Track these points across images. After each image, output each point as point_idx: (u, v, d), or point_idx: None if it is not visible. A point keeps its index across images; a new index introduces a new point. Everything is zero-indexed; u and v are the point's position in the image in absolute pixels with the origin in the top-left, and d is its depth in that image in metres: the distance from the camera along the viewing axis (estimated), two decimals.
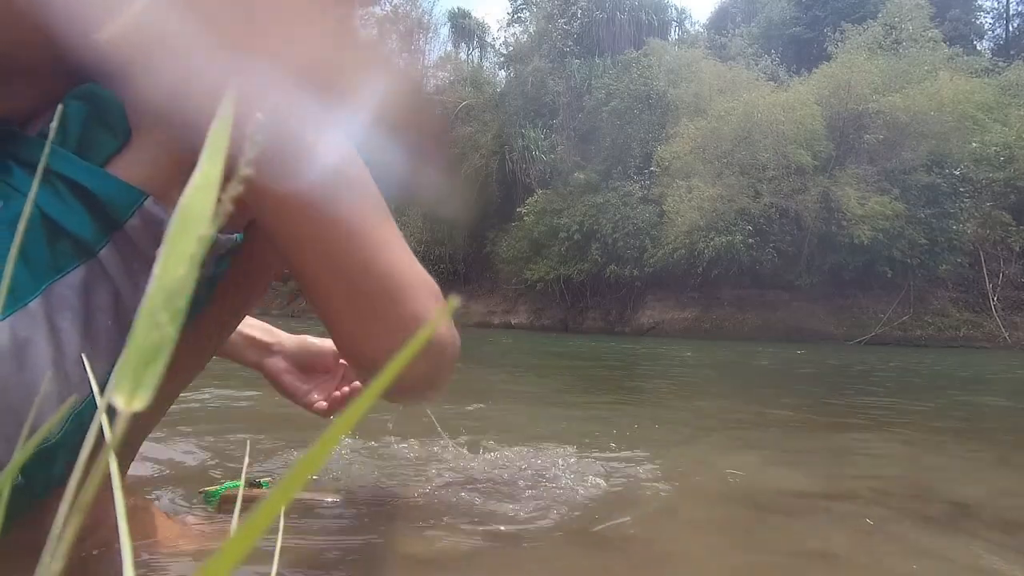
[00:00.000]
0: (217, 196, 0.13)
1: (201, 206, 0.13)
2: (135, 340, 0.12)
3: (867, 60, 14.85)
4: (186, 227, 0.13)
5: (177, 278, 0.12)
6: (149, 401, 0.12)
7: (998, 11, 23.45)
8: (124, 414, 0.12)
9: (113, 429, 0.11)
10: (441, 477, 1.23)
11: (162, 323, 0.12)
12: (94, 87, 0.59)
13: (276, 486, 0.11)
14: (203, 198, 0.13)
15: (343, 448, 1.39)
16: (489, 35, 27.71)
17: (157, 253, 0.12)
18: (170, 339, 0.12)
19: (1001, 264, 14.30)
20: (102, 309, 0.57)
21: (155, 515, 0.84)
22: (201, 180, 0.13)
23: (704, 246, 14.68)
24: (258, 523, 0.11)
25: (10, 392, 0.51)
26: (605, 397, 2.98)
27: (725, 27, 22.09)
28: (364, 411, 0.11)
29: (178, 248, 0.13)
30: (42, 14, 0.48)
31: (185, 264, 0.12)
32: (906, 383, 4.34)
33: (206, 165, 0.14)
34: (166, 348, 0.12)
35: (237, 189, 0.12)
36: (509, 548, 0.88)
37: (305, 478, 0.11)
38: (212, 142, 0.14)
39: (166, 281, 0.12)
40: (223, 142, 0.14)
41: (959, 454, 1.76)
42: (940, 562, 0.90)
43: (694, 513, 1.10)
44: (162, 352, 0.12)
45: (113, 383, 0.12)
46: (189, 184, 0.13)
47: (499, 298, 20.00)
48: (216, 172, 0.13)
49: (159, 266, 0.12)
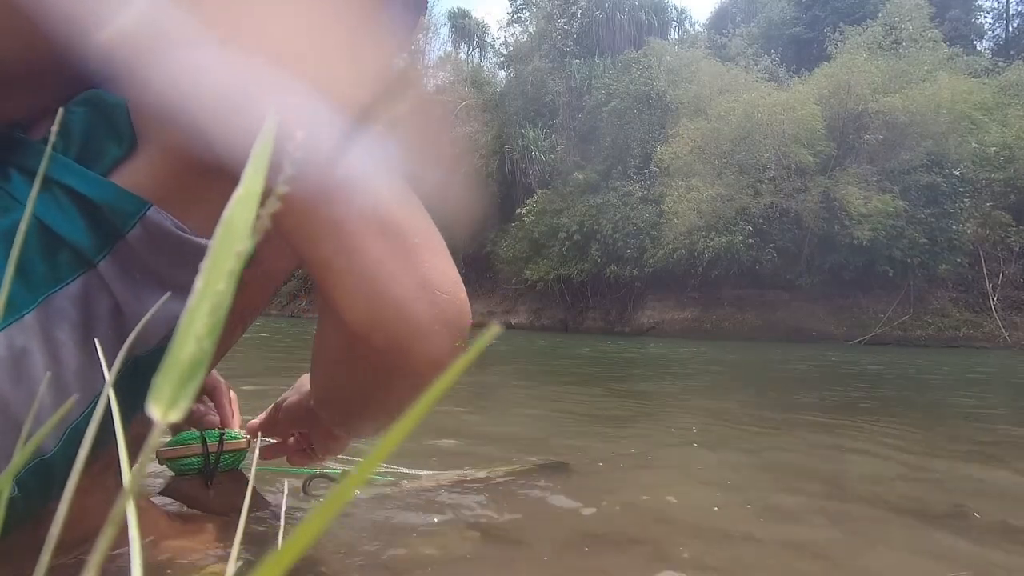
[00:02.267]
0: (256, 212, 0.13)
1: (242, 221, 0.13)
2: (175, 353, 0.12)
3: (867, 60, 14.85)
4: (228, 242, 0.13)
5: (217, 293, 0.12)
6: (185, 414, 0.12)
7: (998, 11, 23.46)
8: (160, 425, 0.12)
9: (147, 438, 0.12)
10: (440, 476, 1.23)
11: (201, 337, 0.12)
12: (98, 93, 0.58)
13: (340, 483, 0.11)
14: (244, 213, 0.13)
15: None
16: (489, 35, 27.74)
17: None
18: (208, 354, 0.12)
19: (1001, 264, 14.31)
20: (101, 320, 0.56)
21: (156, 516, 0.84)
22: (243, 194, 0.13)
23: (704, 246, 14.68)
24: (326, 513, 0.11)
25: (7, 405, 0.50)
26: (604, 397, 2.98)
27: (725, 27, 22.09)
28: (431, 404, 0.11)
29: (219, 263, 0.13)
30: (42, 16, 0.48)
31: (225, 279, 0.13)
32: (906, 383, 4.34)
33: (249, 180, 0.14)
34: (205, 362, 0.12)
35: (275, 205, 0.13)
36: (509, 548, 0.88)
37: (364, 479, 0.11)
38: (255, 157, 0.14)
39: (207, 296, 0.12)
40: (266, 157, 0.14)
41: (959, 454, 1.76)
42: (940, 562, 0.90)
43: (692, 513, 1.09)
44: (201, 366, 0.12)
45: (151, 394, 0.12)
46: (232, 198, 0.13)
47: (499, 298, 20.00)
48: (258, 187, 0.14)
49: (201, 280, 0.13)
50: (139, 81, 0.53)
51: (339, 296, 0.54)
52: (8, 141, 0.57)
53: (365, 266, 0.53)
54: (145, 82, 0.53)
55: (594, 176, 18.34)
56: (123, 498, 0.12)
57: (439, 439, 1.59)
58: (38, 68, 0.56)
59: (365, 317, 0.54)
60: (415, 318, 0.54)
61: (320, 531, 0.11)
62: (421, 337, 0.54)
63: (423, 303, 0.54)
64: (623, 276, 16.74)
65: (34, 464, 0.54)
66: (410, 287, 0.54)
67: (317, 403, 0.72)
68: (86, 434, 0.17)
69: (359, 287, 0.53)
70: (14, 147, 0.57)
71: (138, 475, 0.12)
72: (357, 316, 0.54)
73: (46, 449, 0.55)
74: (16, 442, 0.50)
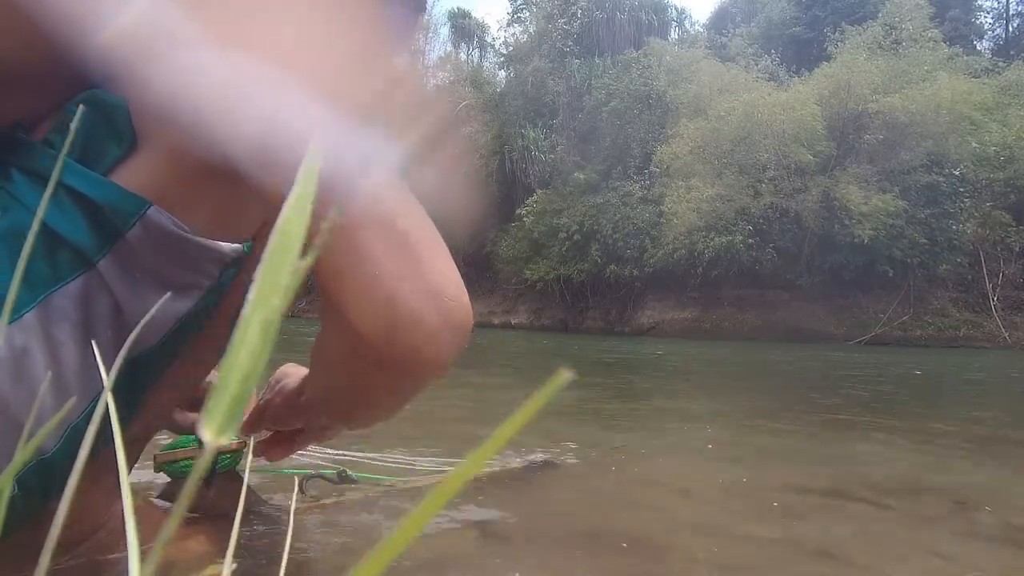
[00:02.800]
0: (308, 227, 0.13)
1: (295, 233, 0.13)
2: (227, 372, 0.12)
3: (867, 60, 14.85)
4: (281, 255, 0.13)
5: (271, 308, 0.12)
6: (237, 433, 0.13)
7: (998, 11, 23.46)
8: (211, 447, 0.12)
9: (195, 462, 0.11)
10: (439, 476, 1.23)
11: (256, 353, 0.12)
12: (99, 93, 0.58)
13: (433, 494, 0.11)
14: (297, 225, 0.13)
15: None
16: (489, 35, 27.74)
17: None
18: (260, 370, 0.12)
19: (1001, 264, 14.31)
20: (102, 320, 0.56)
21: (155, 517, 0.84)
22: (294, 206, 0.13)
23: (704, 246, 14.69)
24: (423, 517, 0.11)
25: (7, 405, 0.50)
26: (603, 395, 2.98)
27: (725, 27, 22.10)
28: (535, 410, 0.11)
29: (273, 276, 0.12)
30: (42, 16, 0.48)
31: (280, 292, 0.12)
32: (905, 383, 4.34)
33: (299, 191, 0.13)
34: (257, 378, 0.12)
35: (336, 222, 0.14)
36: (509, 548, 0.88)
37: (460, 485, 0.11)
38: (305, 171, 0.14)
39: (261, 309, 0.12)
40: (315, 172, 0.14)
41: (958, 453, 1.76)
42: (940, 562, 0.90)
43: (693, 512, 1.09)
44: (253, 382, 0.12)
45: (203, 414, 0.12)
46: (283, 211, 0.13)
47: (499, 298, 20.00)
48: (309, 200, 0.13)
49: (254, 294, 0.12)
50: (139, 81, 0.53)
51: (351, 303, 0.56)
52: (9, 141, 0.57)
53: (377, 275, 0.54)
54: (145, 82, 0.53)
55: (594, 176, 18.34)
56: (124, 498, 0.12)
57: (438, 439, 1.59)
58: (38, 68, 0.56)
59: (377, 324, 0.55)
60: (425, 324, 0.55)
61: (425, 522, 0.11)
62: (431, 341, 0.56)
63: (432, 309, 0.56)
64: (623, 276, 16.74)
65: (34, 464, 0.54)
66: (420, 295, 0.55)
67: (316, 402, 0.72)
68: (86, 434, 0.16)
69: (371, 295, 0.55)
70: (15, 147, 0.57)
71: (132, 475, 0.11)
72: (369, 323, 0.55)
73: (46, 449, 0.55)
74: (16, 442, 0.49)
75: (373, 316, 0.55)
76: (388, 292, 0.54)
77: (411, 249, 0.56)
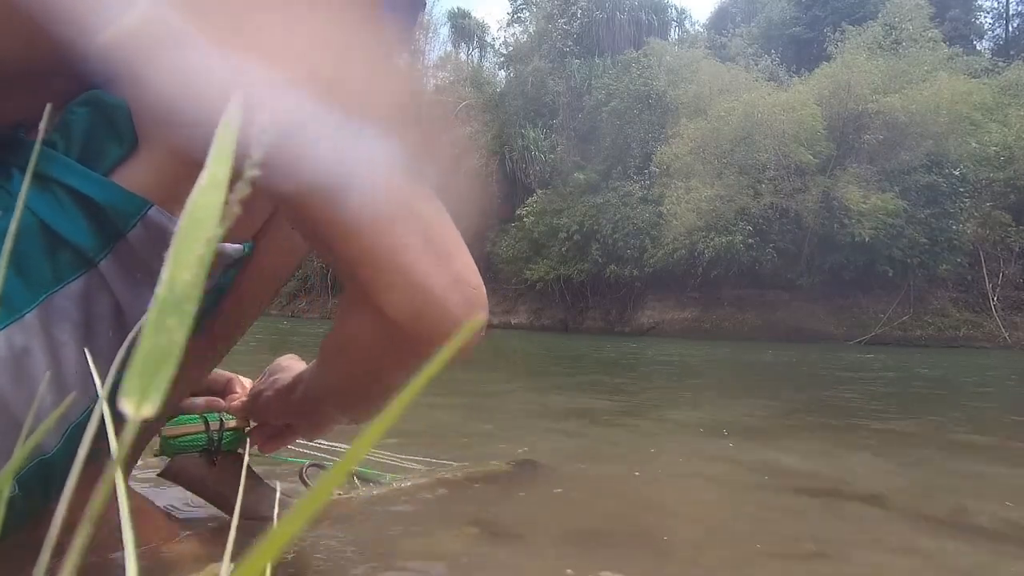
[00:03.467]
0: (225, 198, 0.13)
1: (209, 208, 0.13)
2: (143, 346, 0.12)
3: (867, 60, 14.85)
4: (194, 230, 0.12)
5: (185, 282, 0.12)
6: (158, 408, 0.11)
7: (998, 11, 23.46)
8: (133, 421, 0.11)
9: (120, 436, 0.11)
10: (438, 475, 1.23)
11: (171, 328, 0.12)
12: (99, 93, 0.59)
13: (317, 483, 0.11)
14: (211, 199, 0.13)
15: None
16: (489, 35, 27.75)
17: (164, 256, 0.12)
18: (179, 345, 0.12)
19: (1001, 264, 14.32)
20: (102, 320, 0.57)
21: (155, 516, 0.84)
22: (209, 181, 0.13)
23: (704, 246, 14.69)
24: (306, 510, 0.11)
25: (8, 404, 0.51)
26: (603, 396, 2.98)
27: (725, 27, 22.10)
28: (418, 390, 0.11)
29: (186, 251, 0.12)
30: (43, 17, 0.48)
31: (193, 268, 0.12)
32: (905, 383, 4.34)
33: (213, 166, 0.13)
34: (174, 354, 0.12)
35: (245, 191, 0.12)
36: (509, 548, 0.88)
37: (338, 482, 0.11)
38: (219, 142, 0.13)
39: (174, 286, 0.12)
40: (230, 142, 0.14)
41: (958, 453, 1.76)
42: (940, 562, 0.90)
43: (693, 512, 1.09)
44: (170, 358, 0.12)
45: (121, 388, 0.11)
46: (196, 185, 0.13)
47: (499, 298, 20.00)
48: (224, 173, 0.13)
49: (167, 270, 0.12)
50: (140, 81, 0.53)
51: (382, 292, 0.58)
52: (9, 141, 0.58)
53: (406, 264, 0.57)
54: (146, 83, 0.53)
55: (594, 176, 18.34)
56: (121, 499, 0.12)
57: (432, 438, 1.59)
58: (39, 69, 0.57)
59: (409, 311, 0.58)
60: (453, 310, 0.59)
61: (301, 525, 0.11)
62: (458, 324, 0.59)
63: (458, 296, 0.59)
64: (623, 276, 16.75)
65: (35, 464, 0.54)
66: (447, 283, 0.59)
67: (326, 392, 0.72)
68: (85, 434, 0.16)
69: (405, 283, 0.58)
70: (15, 147, 0.58)
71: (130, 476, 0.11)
72: (401, 310, 0.58)
73: (47, 448, 0.55)
74: (17, 441, 0.50)
75: (406, 303, 0.58)
76: (420, 280, 0.58)
77: (438, 241, 0.59)
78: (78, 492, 0.14)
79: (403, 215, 0.58)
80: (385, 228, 0.57)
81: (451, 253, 0.59)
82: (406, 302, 0.58)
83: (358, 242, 0.58)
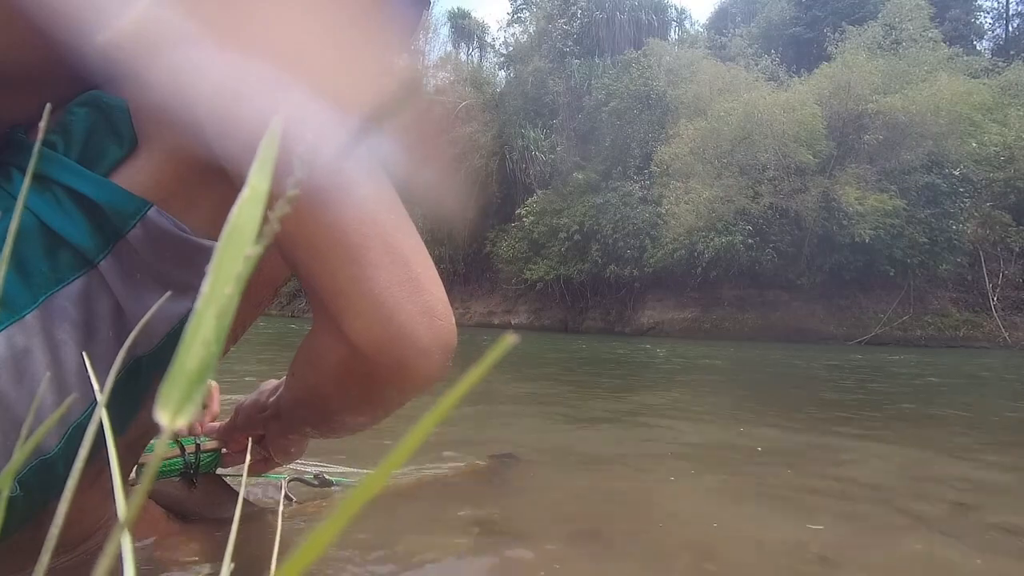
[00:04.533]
0: (264, 214, 0.13)
1: (249, 223, 0.13)
2: (181, 359, 0.12)
3: (867, 60, 14.85)
4: (234, 245, 0.13)
5: (225, 297, 0.12)
6: (194, 418, 0.13)
7: (998, 11, 23.46)
8: (167, 431, 0.12)
9: (156, 445, 0.12)
10: (438, 475, 1.23)
11: (210, 341, 0.12)
12: (99, 94, 0.59)
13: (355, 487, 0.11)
14: (251, 215, 0.13)
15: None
16: (489, 35, 27.74)
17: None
18: (216, 358, 0.12)
19: (1001, 264, 14.31)
20: (102, 320, 0.57)
21: (155, 516, 0.84)
22: (250, 196, 0.13)
23: (704, 246, 14.69)
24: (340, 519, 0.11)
25: (9, 405, 0.51)
26: (603, 396, 2.98)
27: (725, 27, 22.10)
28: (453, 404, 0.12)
29: (226, 266, 0.13)
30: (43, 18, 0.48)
31: (232, 283, 0.12)
32: (906, 383, 4.34)
33: (255, 181, 0.13)
34: (211, 367, 0.12)
35: (285, 208, 0.13)
36: (509, 548, 0.88)
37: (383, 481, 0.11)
38: (262, 158, 0.14)
39: (214, 299, 0.12)
40: (272, 157, 0.14)
41: (959, 453, 1.76)
42: (939, 562, 0.90)
43: (693, 513, 1.09)
44: (207, 371, 0.12)
45: (158, 399, 0.12)
46: (238, 200, 0.13)
47: (499, 298, 20.00)
48: (265, 188, 0.13)
49: (207, 284, 0.12)
50: (139, 82, 0.53)
51: (349, 318, 0.58)
52: (9, 142, 0.58)
53: (376, 292, 0.57)
54: (145, 83, 0.53)
55: (594, 176, 18.33)
56: (118, 500, 0.12)
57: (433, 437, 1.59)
58: (39, 70, 0.57)
59: (373, 339, 0.58)
60: (418, 342, 0.58)
61: (333, 536, 0.11)
62: (422, 358, 0.59)
63: (425, 328, 0.59)
64: (623, 276, 16.74)
65: (36, 464, 0.54)
66: (414, 313, 0.58)
67: (295, 403, 0.72)
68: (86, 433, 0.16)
69: (369, 312, 0.57)
70: (16, 148, 0.58)
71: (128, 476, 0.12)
72: (365, 338, 0.58)
73: (48, 449, 0.55)
74: (17, 442, 0.50)
75: (370, 331, 0.58)
76: (387, 309, 0.57)
77: (407, 267, 0.58)
78: (78, 492, 0.14)
79: (378, 243, 0.57)
80: (357, 255, 0.57)
81: (422, 285, 0.59)
82: (372, 332, 0.58)
83: (329, 265, 0.57)
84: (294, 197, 0.12)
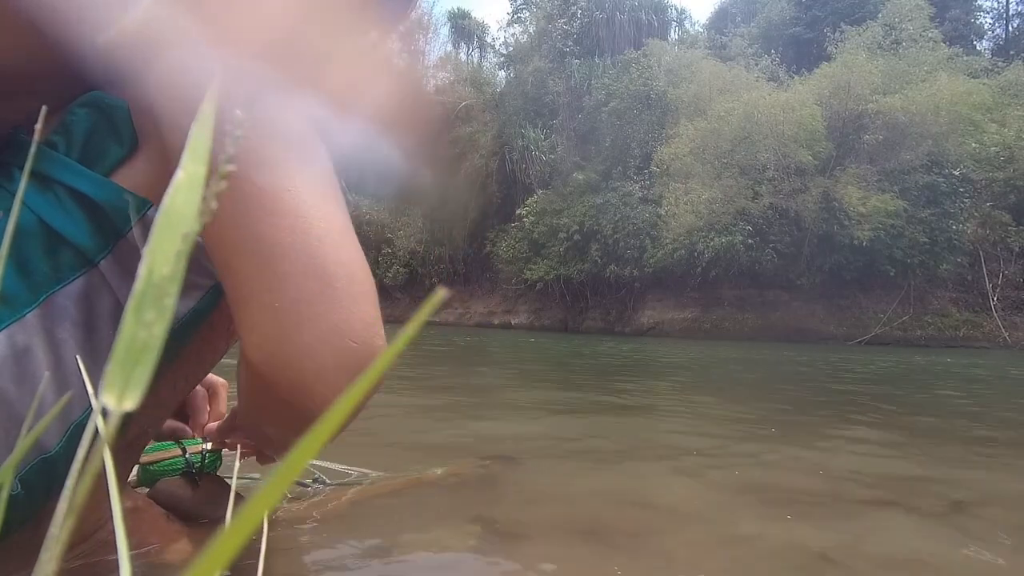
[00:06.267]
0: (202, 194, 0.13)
1: (186, 203, 0.13)
2: (122, 339, 0.12)
3: (867, 61, 14.86)
4: (171, 225, 0.13)
5: (163, 276, 0.12)
6: (140, 400, 0.12)
7: (998, 11, 23.47)
8: (115, 413, 0.12)
9: (106, 428, 0.12)
10: (437, 476, 1.23)
11: (150, 322, 0.12)
12: (100, 95, 0.59)
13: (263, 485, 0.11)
14: (187, 195, 0.13)
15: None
16: (489, 35, 27.75)
17: (143, 252, 0.12)
18: (158, 338, 0.12)
19: (1001, 264, 14.32)
20: (103, 319, 0.57)
21: (155, 516, 0.84)
22: (184, 178, 0.13)
23: (704, 246, 14.69)
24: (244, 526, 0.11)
25: (10, 403, 0.51)
26: (603, 396, 2.98)
27: (725, 27, 22.13)
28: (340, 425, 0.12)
29: (164, 246, 0.12)
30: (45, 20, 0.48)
31: (171, 262, 0.12)
32: (906, 383, 4.34)
33: (189, 162, 0.13)
34: (154, 347, 0.12)
35: (221, 186, 0.13)
36: (509, 548, 0.88)
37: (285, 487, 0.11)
38: (194, 139, 0.14)
39: (152, 280, 0.12)
40: (206, 139, 0.14)
41: (959, 453, 1.76)
42: (939, 562, 0.90)
43: (693, 513, 1.09)
44: (150, 351, 0.12)
45: (101, 383, 0.12)
46: (172, 182, 0.13)
47: (499, 298, 20.01)
48: (200, 169, 0.13)
49: (144, 265, 0.12)
50: (140, 83, 0.53)
51: (245, 330, 0.54)
52: (10, 142, 0.58)
53: (277, 307, 0.52)
54: (146, 84, 0.53)
55: (594, 176, 18.34)
56: (113, 500, 0.12)
57: (424, 438, 1.59)
58: (41, 71, 0.57)
59: (265, 356, 0.54)
60: (318, 365, 0.53)
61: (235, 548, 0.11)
62: (322, 382, 0.54)
63: (329, 350, 0.53)
64: (623, 276, 16.75)
65: (37, 462, 0.54)
66: (319, 333, 0.53)
67: (241, 413, 0.69)
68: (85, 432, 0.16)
69: (268, 327, 0.53)
70: (17, 149, 0.58)
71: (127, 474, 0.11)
72: (258, 355, 0.54)
73: (48, 447, 0.55)
74: (18, 440, 0.50)
75: (262, 348, 0.53)
76: (286, 327, 0.52)
77: (326, 280, 0.53)
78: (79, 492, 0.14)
79: (299, 251, 0.52)
80: (270, 262, 0.52)
81: (339, 303, 0.53)
82: (265, 349, 0.53)
83: (241, 269, 0.52)
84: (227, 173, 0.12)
